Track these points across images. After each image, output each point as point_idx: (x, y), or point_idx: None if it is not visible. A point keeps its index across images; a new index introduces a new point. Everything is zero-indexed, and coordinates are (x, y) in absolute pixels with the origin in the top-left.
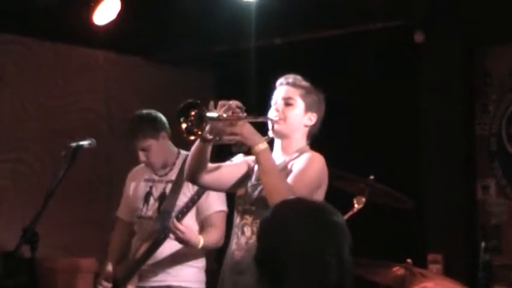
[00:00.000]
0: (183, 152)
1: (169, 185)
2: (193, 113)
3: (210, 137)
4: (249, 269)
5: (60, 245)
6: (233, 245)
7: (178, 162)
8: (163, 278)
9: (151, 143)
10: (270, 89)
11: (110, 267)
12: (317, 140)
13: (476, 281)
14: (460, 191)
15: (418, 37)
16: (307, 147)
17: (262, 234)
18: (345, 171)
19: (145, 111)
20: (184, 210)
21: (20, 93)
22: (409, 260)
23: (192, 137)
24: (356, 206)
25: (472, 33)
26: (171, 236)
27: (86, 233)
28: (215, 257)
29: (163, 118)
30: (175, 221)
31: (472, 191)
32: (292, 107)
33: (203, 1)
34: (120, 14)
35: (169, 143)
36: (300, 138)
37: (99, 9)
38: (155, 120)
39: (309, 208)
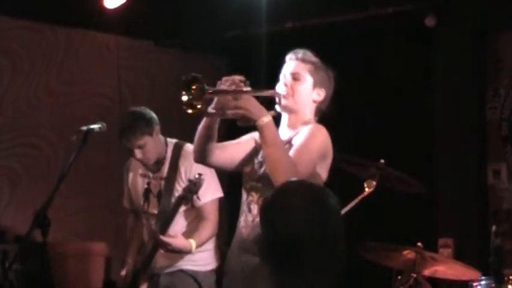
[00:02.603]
0: (170, 140)
1: (163, 182)
2: (194, 87)
3: (213, 111)
4: (254, 246)
5: (72, 229)
6: (241, 222)
7: (168, 154)
8: (176, 263)
9: (147, 140)
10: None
11: (123, 272)
12: (328, 125)
13: (487, 266)
14: (472, 176)
15: (430, 21)
16: (313, 121)
17: (267, 220)
18: (356, 156)
19: (136, 108)
20: (168, 219)
21: (33, 79)
22: (419, 244)
23: (191, 110)
24: (367, 190)
25: (483, 17)
26: (161, 250)
27: (97, 218)
28: (226, 240)
29: (153, 114)
30: (159, 236)
31: (483, 176)
32: (300, 82)
33: None
34: None
35: (160, 136)
36: (308, 113)
37: None
38: (149, 117)
39: (313, 191)
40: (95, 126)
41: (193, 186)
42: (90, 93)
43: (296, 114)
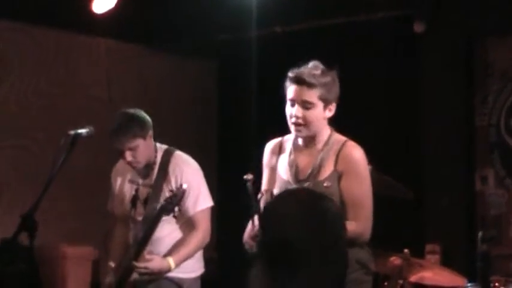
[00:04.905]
0: (160, 146)
1: (151, 189)
2: None
3: None
4: None
5: (60, 232)
6: None
7: (158, 160)
8: None
9: (139, 142)
10: (271, 78)
11: (107, 279)
12: None
13: (474, 272)
14: (459, 182)
15: (418, 27)
16: (334, 133)
17: (264, 225)
18: None
19: (131, 110)
20: (149, 230)
21: (23, 81)
22: (406, 250)
23: None
24: None
25: (473, 23)
26: (137, 274)
27: (85, 221)
28: (215, 246)
29: (148, 117)
30: (134, 262)
31: (471, 182)
32: (312, 110)
33: None
34: (121, 2)
35: (152, 140)
36: (324, 131)
37: None
38: (144, 119)
39: (311, 199)
40: (83, 131)
41: (174, 198)
42: (80, 96)
43: (312, 137)
